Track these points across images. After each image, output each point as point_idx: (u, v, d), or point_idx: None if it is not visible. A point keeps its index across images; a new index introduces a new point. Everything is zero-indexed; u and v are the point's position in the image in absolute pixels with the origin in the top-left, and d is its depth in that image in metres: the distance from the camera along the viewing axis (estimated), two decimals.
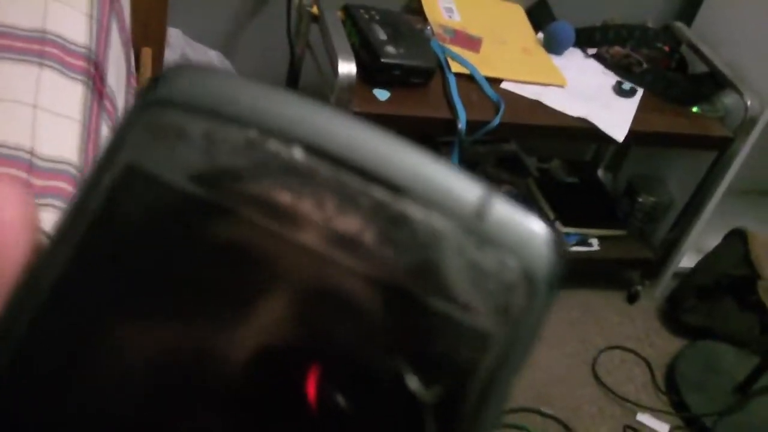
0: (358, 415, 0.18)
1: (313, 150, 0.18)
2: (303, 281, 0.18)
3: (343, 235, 0.18)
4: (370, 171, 0.18)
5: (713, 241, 1.80)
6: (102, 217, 0.18)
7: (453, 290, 0.18)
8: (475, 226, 0.18)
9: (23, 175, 0.78)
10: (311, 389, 0.18)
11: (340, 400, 0.18)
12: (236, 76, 0.19)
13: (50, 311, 0.18)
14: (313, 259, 0.18)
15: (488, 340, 0.18)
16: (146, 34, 1.44)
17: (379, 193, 0.18)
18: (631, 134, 1.48)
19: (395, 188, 0.18)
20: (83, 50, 0.97)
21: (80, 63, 0.95)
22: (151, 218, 0.19)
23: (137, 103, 0.19)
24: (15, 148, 0.79)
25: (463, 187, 0.19)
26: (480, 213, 0.18)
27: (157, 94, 0.19)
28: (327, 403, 0.18)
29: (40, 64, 0.91)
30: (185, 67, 0.20)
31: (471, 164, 1.79)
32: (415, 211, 0.18)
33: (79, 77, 0.94)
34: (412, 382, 0.18)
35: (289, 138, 0.18)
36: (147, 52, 1.44)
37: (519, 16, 1.70)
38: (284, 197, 0.18)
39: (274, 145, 0.18)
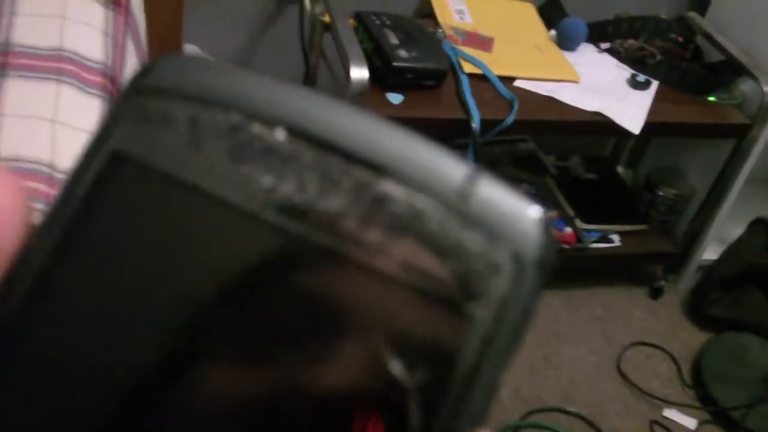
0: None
1: (295, 132, 0.18)
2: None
3: (327, 214, 0.18)
4: (351, 151, 0.18)
5: (736, 231, 1.78)
6: (89, 206, 0.19)
7: (436, 272, 0.18)
8: (459, 206, 0.18)
9: (44, 188, 0.81)
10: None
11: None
12: (222, 63, 0.20)
13: (39, 301, 0.19)
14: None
15: (472, 322, 0.18)
16: (162, 51, 1.47)
17: (361, 174, 0.18)
18: (648, 126, 1.47)
19: (376, 168, 0.18)
20: (100, 66, 0.99)
21: (97, 79, 0.98)
22: (141, 208, 0.19)
23: (125, 92, 0.20)
24: (35, 162, 0.82)
25: (447, 167, 0.19)
26: (464, 192, 0.18)
27: (143, 82, 0.19)
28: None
29: (58, 81, 0.93)
30: (172, 56, 0.20)
31: (488, 165, 1.80)
32: (397, 191, 0.18)
33: (97, 92, 0.97)
34: (396, 367, 0.18)
35: (271, 120, 0.19)
36: None
37: (531, 14, 1.71)
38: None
39: (257, 128, 0.19)
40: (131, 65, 1.12)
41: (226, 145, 0.19)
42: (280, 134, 0.19)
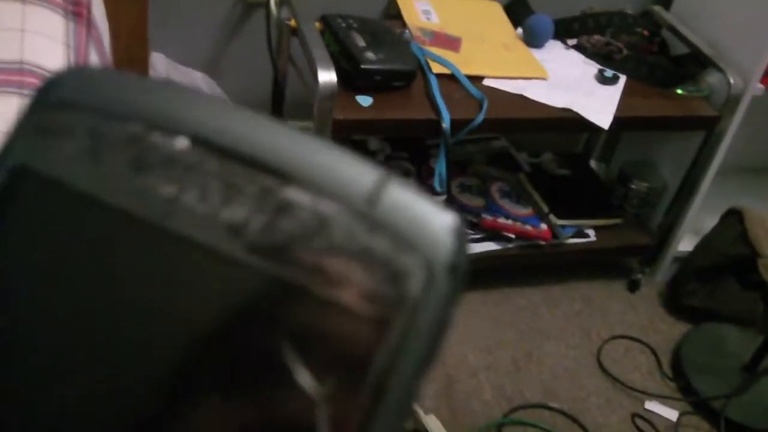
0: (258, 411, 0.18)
1: (198, 140, 0.18)
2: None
3: (230, 222, 0.18)
4: (255, 158, 0.18)
5: (710, 222, 1.80)
6: None
7: (342, 277, 0.18)
8: (367, 211, 0.18)
9: None
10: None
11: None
12: (126, 74, 0.20)
13: None
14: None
15: (381, 328, 0.18)
16: (129, 59, 1.46)
17: (264, 181, 0.18)
18: (617, 121, 1.48)
19: (281, 175, 0.18)
20: None
21: None
22: (46, 220, 0.19)
23: (27, 106, 0.19)
24: None
25: (355, 172, 0.18)
26: (372, 198, 0.18)
27: (44, 96, 0.19)
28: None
29: (20, 95, 0.92)
30: (73, 69, 0.20)
31: (462, 163, 1.80)
32: (302, 198, 0.18)
33: None
34: (304, 377, 0.17)
35: (171, 129, 0.18)
36: None
37: (497, 12, 1.71)
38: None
39: (158, 138, 0.18)
40: None
41: (127, 156, 0.18)
42: (181, 143, 0.18)
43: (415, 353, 0.18)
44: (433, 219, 0.18)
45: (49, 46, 1.03)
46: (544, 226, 1.67)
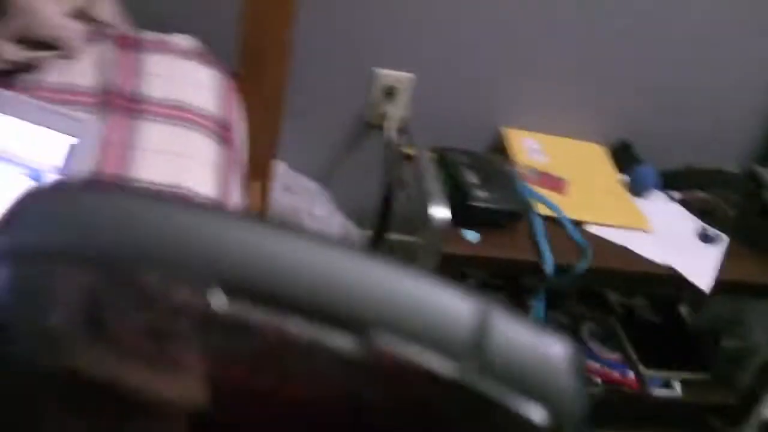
0: None
1: (238, 292, 0.13)
2: None
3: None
4: (322, 311, 0.13)
5: None
6: None
7: None
8: (475, 359, 0.15)
9: None
10: None
11: None
12: (112, 192, 0.13)
13: None
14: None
15: None
16: (255, 170, 1.55)
17: (342, 342, 0.13)
18: (718, 284, 1.49)
19: (362, 329, 0.13)
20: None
21: None
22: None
23: None
24: None
25: (451, 310, 0.14)
26: (479, 341, 0.15)
27: (13, 239, 0.15)
28: None
29: None
30: (30, 202, 0.14)
31: (552, 294, 1.82)
32: (396, 354, 0.14)
33: None
34: None
35: (201, 278, 0.12)
36: (255, 187, 1.55)
37: (601, 157, 1.76)
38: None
39: (183, 292, 0.13)
40: (235, 194, 1.20)
41: (141, 323, 0.13)
42: (217, 298, 0.13)
43: None
44: (548, 357, 0.15)
45: (202, 171, 1.12)
46: (631, 374, 1.67)
